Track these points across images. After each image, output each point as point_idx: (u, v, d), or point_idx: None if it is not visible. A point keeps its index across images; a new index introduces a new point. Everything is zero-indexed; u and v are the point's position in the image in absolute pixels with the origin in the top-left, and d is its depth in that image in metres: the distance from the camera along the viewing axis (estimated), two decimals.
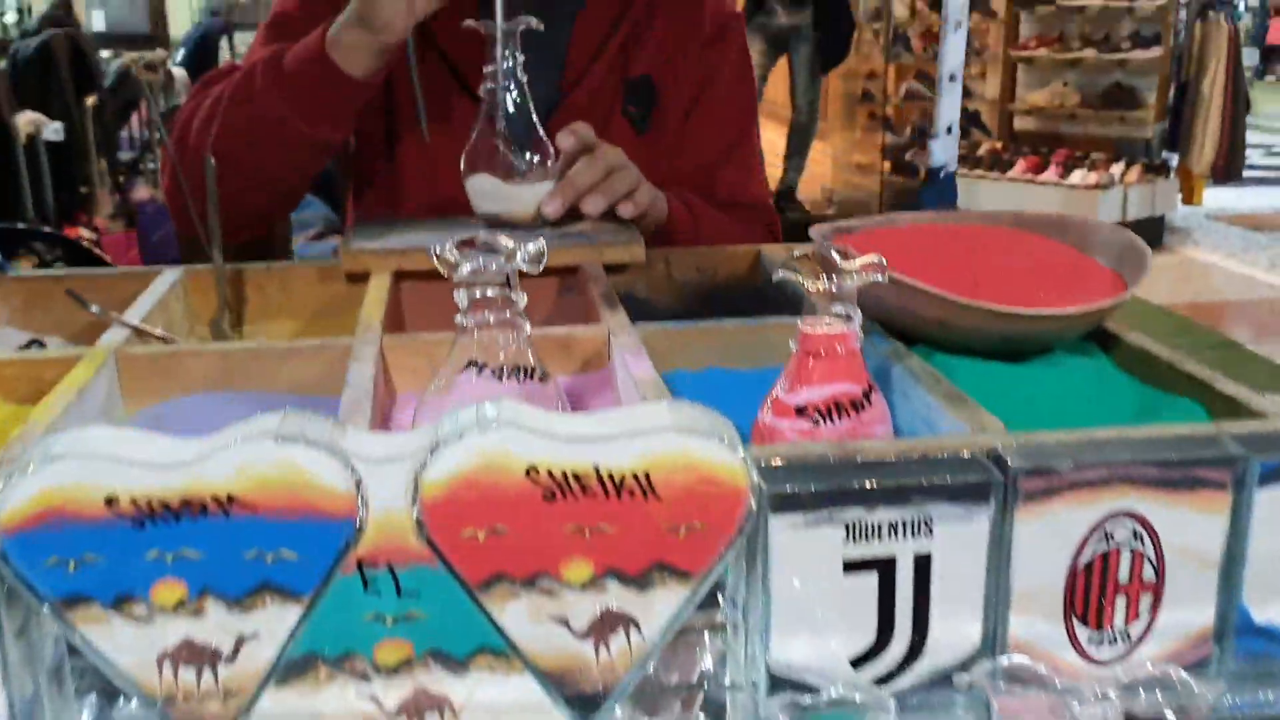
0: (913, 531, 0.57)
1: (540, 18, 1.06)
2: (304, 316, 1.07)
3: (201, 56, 5.93)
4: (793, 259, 0.66)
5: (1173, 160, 6.07)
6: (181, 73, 4.77)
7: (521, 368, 0.67)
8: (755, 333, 0.86)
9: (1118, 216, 5.61)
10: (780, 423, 0.67)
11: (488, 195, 1.08)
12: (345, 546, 0.51)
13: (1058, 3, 6.12)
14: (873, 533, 0.56)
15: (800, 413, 0.66)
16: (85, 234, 3.13)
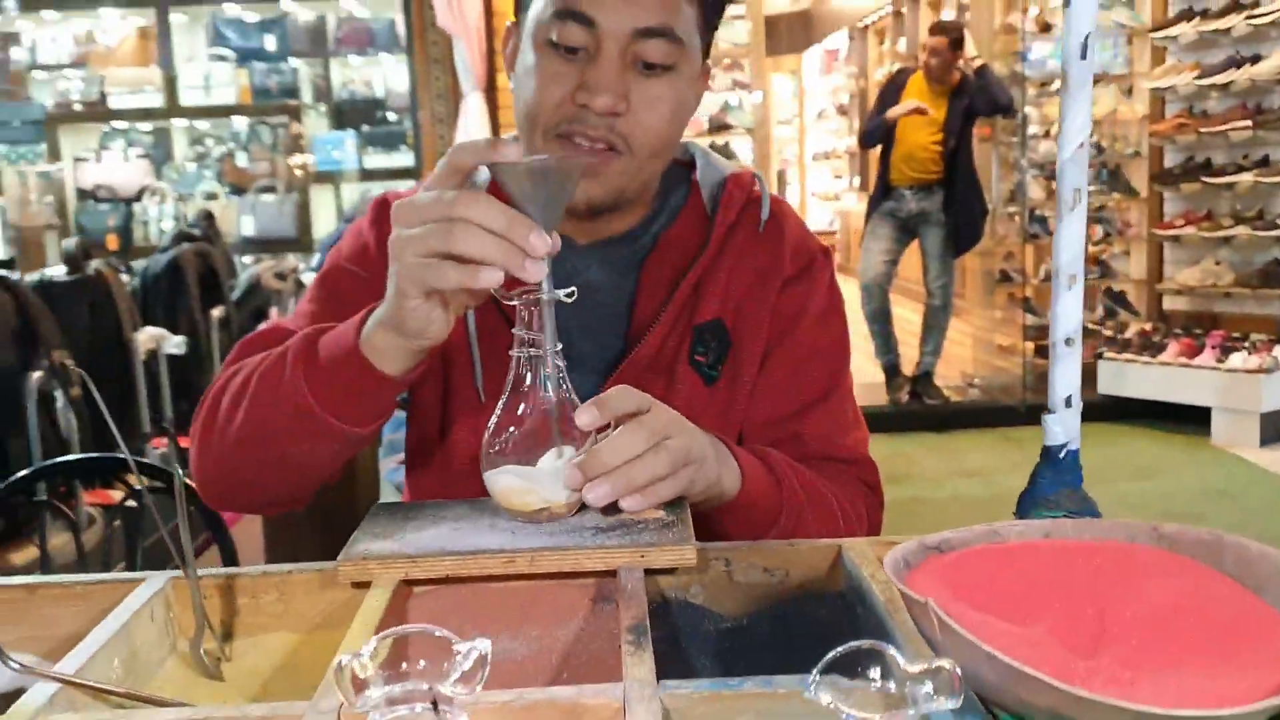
0: None
1: (605, 269, 0.97)
2: (303, 629, 0.92)
3: None
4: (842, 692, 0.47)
5: None
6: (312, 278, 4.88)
7: None
8: (810, 702, 0.67)
9: None
10: None
11: (514, 491, 0.93)
12: None
13: (1204, 180, 5.84)
14: None
15: None
16: None
